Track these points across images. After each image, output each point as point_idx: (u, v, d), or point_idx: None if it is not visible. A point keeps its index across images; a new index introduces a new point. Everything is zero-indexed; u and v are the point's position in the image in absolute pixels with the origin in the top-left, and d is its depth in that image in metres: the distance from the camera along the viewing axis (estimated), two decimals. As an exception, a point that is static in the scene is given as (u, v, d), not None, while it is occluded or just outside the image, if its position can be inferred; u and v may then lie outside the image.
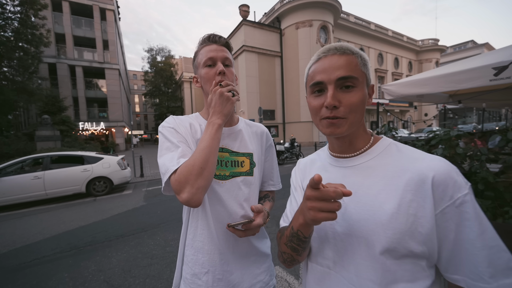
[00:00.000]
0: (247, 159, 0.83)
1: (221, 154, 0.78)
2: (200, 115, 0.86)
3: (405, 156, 0.53)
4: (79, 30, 20.54)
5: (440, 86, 3.09)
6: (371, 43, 25.46)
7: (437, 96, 4.52)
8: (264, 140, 0.93)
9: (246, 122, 0.92)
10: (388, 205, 0.49)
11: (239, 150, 0.82)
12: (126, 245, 3.07)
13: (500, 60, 2.59)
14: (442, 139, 2.66)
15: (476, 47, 40.08)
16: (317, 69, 0.53)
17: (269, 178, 0.94)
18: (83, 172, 5.87)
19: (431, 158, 0.50)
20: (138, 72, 54.74)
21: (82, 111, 20.47)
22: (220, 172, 0.77)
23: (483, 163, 2.58)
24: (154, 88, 32.26)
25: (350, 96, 0.51)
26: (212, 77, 0.76)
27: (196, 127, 0.80)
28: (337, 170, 0.59)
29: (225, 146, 0.80)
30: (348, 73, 0.50)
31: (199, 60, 0.79)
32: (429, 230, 0.46)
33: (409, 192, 0.48)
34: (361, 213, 0.51)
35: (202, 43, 0.80)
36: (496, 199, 2.44)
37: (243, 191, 0.80)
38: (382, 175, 0.52)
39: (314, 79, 0.53)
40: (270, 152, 0.95)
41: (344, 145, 0.58)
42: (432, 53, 30.96)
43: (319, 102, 0.53)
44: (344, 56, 0.52)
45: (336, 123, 0.52)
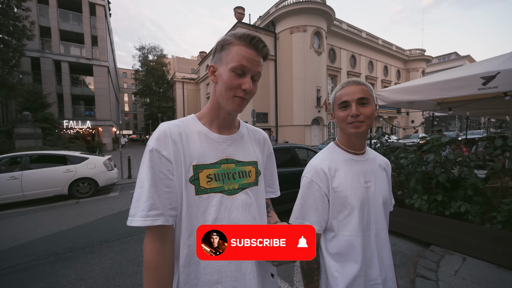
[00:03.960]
0: (253, 168, 0.76)
1: (227, 166, 0.71)
2: (197, 118, 0.74)
3: (374, 152, 0.95)
4: (66, 24, 19.80)
5: (431, 94, 3.15)
6: (362, 51, 26.12)
7: (426, 103, 4.64)
8: (266, 147, 0.87)
9: (246, 126, 0.85)
10: (386, 179, 0.91)
11: (245, 159, 0.75)
12: (111, 251, 2.90)
13: (488, 70, 2.67)
14: (434, 145, 2.70)
15: (458, 58, 42.17)
16: (342, 93, 0.82)
17: (268, 185, 0.88)
18: (65, 172, 5.57)
19: (381, 155, 0.97)
20: (128, 71, 53.41)
21: (67, 109, 19.65)
22: (229, 186, 0.70)
23: (472, 169, 2.64)
24: (145, 87, 31.59)
25: (366, 108, 0.80)
26: (234, 87, 0.66)
27: (190, 136, 0.69)
28: (359, 163, 0.86)
29: (230, 156, 0.72)
30: (364, 95, 0.79)
31: (228, 56, 0.66)
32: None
33: (384, 172, 0.92)
34: (381, 188, 0.87)
35: (240, 38, 0.66)
36: (484, 204, 2.50)
37: (253, 203, 0.74)
38: (376, 164, 0.90)
39: (341, 99, 0.82)
40: (271, 160, 0.89)
41: (361, 143, 0.87)
42: (418, 62, 32.18)
43: (345, 113, 0.81)
44: (359, 86, 0.81)
45: (359, 125, 0.80)
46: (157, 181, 0.62)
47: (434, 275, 2.07)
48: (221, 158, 0.70)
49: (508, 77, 2.48)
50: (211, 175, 0.68)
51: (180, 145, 0.66)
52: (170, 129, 0.67)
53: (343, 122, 0.82)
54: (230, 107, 0.68)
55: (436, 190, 2.77)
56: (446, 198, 2.64)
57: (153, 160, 0.63)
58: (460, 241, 2.42)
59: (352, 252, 0.79)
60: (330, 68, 22.67)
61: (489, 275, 2.02)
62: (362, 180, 0.84)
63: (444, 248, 2.52)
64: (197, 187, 0.66)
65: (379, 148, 3.60)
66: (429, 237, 2.66)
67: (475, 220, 2.35)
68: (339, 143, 0.91)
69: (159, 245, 0.62)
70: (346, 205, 0.80)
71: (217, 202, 0.67)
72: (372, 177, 0.86)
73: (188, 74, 35.00)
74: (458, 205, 2.44)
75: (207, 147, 0.70)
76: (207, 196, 0.67)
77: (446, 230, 2.52)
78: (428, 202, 2.74)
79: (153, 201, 0.61)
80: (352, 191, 0.81)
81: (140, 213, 0.59)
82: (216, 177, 0.68)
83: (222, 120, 0.74)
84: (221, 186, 0.69)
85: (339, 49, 23.76)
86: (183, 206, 0.65)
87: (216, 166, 0.69)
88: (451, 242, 2.49)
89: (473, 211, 2.38)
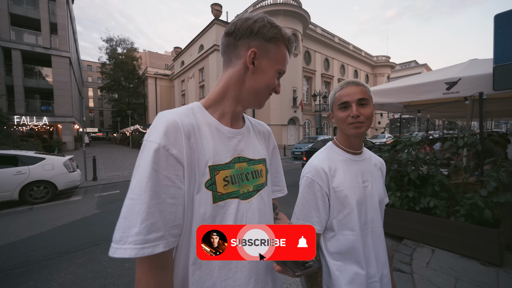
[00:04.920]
0: (263, 167, 0.67)
1: (240, 165, 0.60)
2: (203, 107, 0.61)
3: (369, 152, 0.95)
4: (18, 8, 17.53)
5: (403, 96, 3.36)
6: (335, 55, 27.39)
7: (395, 105, 4.97)
8: (271, 141, 0.79)
9: (249, 119, 0.75)
10: (382, 178, 0.92)
11: (255, 157, 0.66)
12: (72, 264, 2.57)
13: (451, 76, 2.92)
14: (406, 144, 2.87)
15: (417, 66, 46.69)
16: (342, 94, 0.81)
17: (274, 183, 0.80)
18: (16, 175, 4.86)
19: (376, 155, 0.98)
20: (94, 63, 49.10)
21: (19, 103, 17.39)
22: (243, 189, 0.60)
23: (438, 167, 2.85)
24: (113, 82, 29.39)
25: (366, 109, 0.79)
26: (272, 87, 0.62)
27: (202, 130, 0.56)
28: (357, 163, 0.87)
29: (241, 154, 0.62)
30: (364, 96, 0.79)
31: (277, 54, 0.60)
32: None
33: (380, 171, 0.93)
34: (377, 187, 0.88)
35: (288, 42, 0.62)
36: (449, 199, 2.72)
37: (266, 206, 0.65)
38: (372, 163, 0.91)
39: (341, 100, 0.81)
40: (275, 155, 0.81)
41: (359, 143, 0.87)
42: (384, 68, 34.80)
43: (346, 114, 0.80)
44: (359, 86, 0.80)
45: (359, 126, 0.79)
46: (160, 190, 0.47)
47: (409, 268, 2.18)
48: (234, 157, 0.60)
49: (468, 83, 2.73)
50: (227, 177, 0.57)
51: (194, 140, 0.53)
52: (181, 119, 0.53)
53: (343, 123, 0.82)
54: (260, 104, 0.64)
55: (407, 187, 2.95)
56: (416, 194, 2.83)
57: (158, 161, 0.47)
58: (429, 234, 2.60)
59: (352, 251, 0.79)
60: (306, 70, 23.38)
61: (455, 264, 2.20)
62: (360, 180, 0.84)
63: (415, 242, 2.69)
64: (214, 193, 0.54)
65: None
66: (402, 231, 2.83)
67: (442, 214, 2.54)
68: (338, 143, 0.91)
69: (160, 275, 0.48)
70: (346, 205, 0.80)
71: (234, 210, 0.56)
72: (369, 176, 0.87)
73: (161, 70, 33.40)
74: (427, 200, 2.62)
75: (220, 143, 0.58)
76: (224, 203, 0.55)
77: (417, 224, 2.70)
78: (400, 198, 2.91)
79: (154, 220, 0.46)
80: (351, 191, 0.81)
81: (134, 238, 0.43)
82: (233, 179, 0.58)
83: (235, 113, 0.63)
84: (237, 190, 0.58)
85: (314, 52, 24.62)
86: (194, 218, 0.52)
87: (231, 166, 0.58)
88: (422, 235, 2.66)
89: (440, 206, 2.57)
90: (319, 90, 21.60)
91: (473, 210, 2.39)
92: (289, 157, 13.98)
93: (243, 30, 0.57)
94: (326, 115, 24.87)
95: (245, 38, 0.57)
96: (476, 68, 2.98)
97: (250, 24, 0.57)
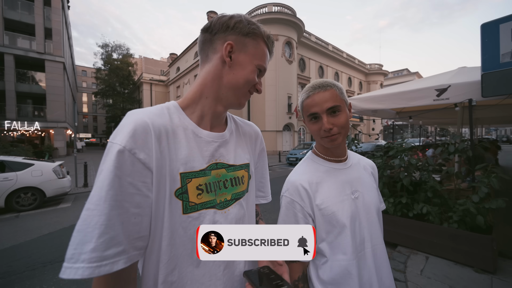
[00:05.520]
0: (246, 172, 0.63)
1: (217, 172, 0.56)
2: (180, 107, 0.56)
3: (356, 155, 0.87)
4: (13, 13, 17.43)
5: (394, 103, 3.41)
6: (329, 62, 27.90)
7: (387, 112, 5.04)
8: (258, 143, 0.74)
9: (235, 120, 0.70)
10: (374, 185, 0.83)
11: (236, 162, 0.61)
12: (56, 274, 2.45)
13: (441, 83, 2.97)
14: (398, 150, 2.89)
15: (409, 74, 47.89)
16: (310, 103, 0.71)
17: (257, 189, 0.74)
18: (2, 181, 4.71)
19: (366, 158, 0.90)
20: (88, 69, 48.81)
21: (10, 108, 17.04)
22: (220, 197, 0.55)
23: (430, 173, 2.87)
24: (108, 87, 29.15)
25: (339, 118, 0.70)
26: (252, 84, 0.58)
27: (175, 132, 0.52)
28: (342, 172, 0.77)
29: (219, 159, 0.58)
30: (334, 104, 0.69)
31: (256, 49, 0.57)
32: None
33: (372, 176, 0.84)
34: (371, 196, 0.78)
35: (267, 39, 0.59)
36: (442, 205, 2.72)
37: (246, 215, 0.61)
38: (361, 168, 0.82)
39: (310, 111, 0.72)
40: (262, 158, 0.76)
41: (341, 151, 0.79)
42: (377, 76, 35.57)
43: (318, 127, 0.72)
44: (327, 91, 0.69)
45: (334, 138, 0.71)
46: (124, 199, 0.42)
47: (403, 276, 2.15)
48: (211, 163, 0.55)
49: (457, 90, 2.79)
50: (201, 185, 0.52)
51: (166, 143, 0.48)
52: (152, 120, 0.48)
53: (317, 136, 0.74)
54: (240, 101, 0.59)
55: (400, 193, 2.95)
56: (409, 200, 2.82)
57: (122, 166, 0.42)
58: (423, 241, 2.58)
59: (348, 279, 0.68)
60: (300, 77, 23.70)
61: (449, 272, 2.17)
62: (348, 191, 0.74)
63: (409, 249, 2.66)
64: (185, 203, 0.49)
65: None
66: (395, 238, 2.80)
67: (435, 221, 2.53)
68: (317, 151, 0.81)
69: None
70: (335, 224, 0.70)
71: (209, 221, 0.52)
72: (359, 185, 0.76)
73: (157, 76, 33.41)
74: (420, 206, 2.61)
75: (196, 148, 0.54)
76: (198, 214, 0.51)
77: (411, 231, 2.68)
78: (394, 204, 2.90)
79: (114, 233, 0.40)
80: (339, 206, 0.71)
81: (89, 255, 0.37)
82: (208, 187, 0.53)
83: (216, 114, 0.59)
84: (213, 200, 0.54)
85: (308, 60, 25.04)
86: (163, 231, 0.47)
87: (207, 173, 0.54)
88: (415, 242, 2.64)
89: (433, 212, 2.57)
90: (314, 97, 21.79)
91: (466, 216, 2.39)
92: (284, 163, 13.97)
93: (219, 25, 0.56)
94: (321, 121, 25.08)
95: (221, 33, 0.55)
96: (465, 76, 3.05)
97: (226, 20, 0.56)
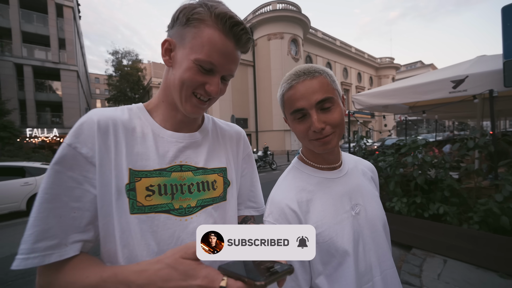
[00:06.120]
0: (220, 177, 0.58)
1: (181, 174, 0.52)
2: (145, 108, 0.55)
3: (352, 158, 0.72)
4: (29, 26, 18.33)
5: (406, 97, 3.24)
6: (336, 58, 27.33)
7: (399, 107, 4.83)
8: (241, 147, 0.67)
9: (215, 122, 0.66)
10: (376, 192, 0.68)
11: (208, 165, 0.57)
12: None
13: (457, 74, 2.79)
14: (411, 147, 2.74)
15: (423, 66, 45.98)
16: (293, 96, 0.54)
17: (247, 199, 0.67)
18: (23, 186, 4.96)
19: (363, 159, 0.75)
20: (101, 76, 50.57)
21: (31, 116, 17.99)
22: (180, 202, 0.50)
23: (447, 170, 2.69)
24: (119, 93, 30.09)
25: (332, 114, 0.54)
26: (195, 85, 0.48)
27: (130, 130, 0.50)
28: (338, 182, 0.62)
29: (185, 161, 0.54)
30: (325, 95, 0.52)
31: (195, 39, 0.46)
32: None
33: (372, 181, 0.69)
34: (375, 207, 0.62)
35: (218, 18, 0.45)
36: (461, 205, 2.55)
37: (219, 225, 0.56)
38: (359, 173, 0.67)
39: (294, 107, 0.54)
40: (249, 164, 0.69)
41: (334, 157, 0.63)
42: (389, 70, 34.47)
43: (305, 127, 0.55)
44: (315, 79, 0.53)
45: (327, 140, 0.55)
46: (62, 192, 0.42)
47: (418, 281, 2.03)
48: (173, 164, 0.52)
49: (476, 80, 2.60)
50: (153, 186, 0.48)
51: (112, 137, 0.47)
52: (99, 115, 0.48)
53: (304, 138, 0.58)
54: (184, 107, 0.51)
55: (414, 192, 2.80)
56: (424, 200, 2.67)
57: (63, 161, 0.43)
58: (440, 243, 2.43)
59: None
60: (309, 74, 23.36)
61: (471, 277, 2.02)
62: (347, 206, 0.58)
63: (425, 251, 2.52)
64: (132, 202, 0.46)
65: (357, 152, 3.61)
66: (410, 240, 2.66)
67: (453, 221, 2.37)
68: (305, 158, 0.65)
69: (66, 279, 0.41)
70: (334, 252, 0.54)
71: (159, 227, 0.47)
72: (360, 196, 0.61)
73: (166, 80, 34.03)
74: (436, 206, 2.46)
75: (153, 147, 0.51)
76: (146, 217, 0.47)
77: (426, 232, 2.53)
78: (407, 204, 2.75)
79: (46, 226, 0.40)
80: (338, 228, 0.55)
81: (20, 247, 0.39)
82: (161, 189, 0.49)
83: (177, 120, 0.55)
84: (167, 204, 0.49)
85: (315, 56, 24.63)
86: (115, 230, 0.45)
87: (164, 174, 0.50)
88: (431, 244, 2.49)
89: (451, 212, 2.41)
90: (323, 94, 21.38)
91: (488, 216, 2.21)
92: (294, 162, 13.82)
93: (170, 23, 0.50)
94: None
95: (169, 31, 0.50)
96: (485, 65, 2.84)
97: (175, 13, 0.48)
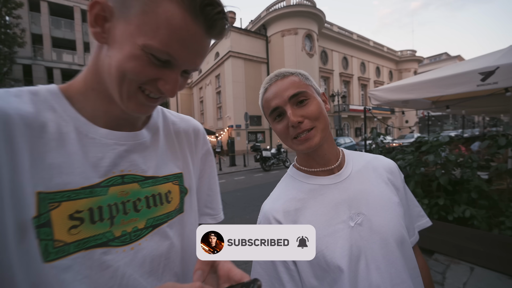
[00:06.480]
0: (175, 186, 0.46)
1: (121, 188, 0.38)
2: (62, 94, 0.38)
3: (364, 157, 0.63)
4: (58, 31, 19.77)
5: (427, 92, 3.02)
6: (354, 53, 26.36)
7: (421, 102, 4.53)
8: (200, 143, 0.55)
9: (166, 116, 0.52)
10: (394, 197, 0.56)
11: (159, 173, 0.43)
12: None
13: (486, 65, 2.54)
14: (433, 145, 2.55)
15: (449, 58, 43.06)
16: (268, 97, 0.55)
17: (204, 204, 0.55)
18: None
19: (381, 157, 0.65)
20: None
21: (59, 117, 19.45)
22: (123, 228, 0.37)
23: (475, 170, 2.47)
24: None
25: (308, 107, 0.52)
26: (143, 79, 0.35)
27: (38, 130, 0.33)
28: (336, 187, 0.55)
29: (128, 170, 0.40)
30: (296, 90, 0.52)
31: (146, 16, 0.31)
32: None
33: (389, 184, 0.58)
34: (387, 218, 0.52)
35: None
36: (490, 208, 2.33)
37: (179, 247, 0.43)
38: (369, 175, 0.58)
39: (270, 107, 0.55)
40: (208, 163, 0.57)
41: (327, 156, 0.58)
42: (410, 63, 32.65)
43: (284, 125, 0.54)
44: (285, 78, 0.54)
45: (309, 136, 0.52)
46: None
47: (441, 289, 1.88)
48: (110, 176, 0.37)
49: (508, 72, 2.35)
50: (80, 212, 0.34)
51: (3, 144, 0.29)
52: None
53: (287, 138, 0.55)
54: (127, 106, 0.37)
55: (437, 193, 2.60)
56: (448, 202, 2.47)
57: None
58: (466, 249, 2.24)
59: None
60: (322, 70, 22.77)
61: (501, 287, 1.84)
62: (344, 216, 0.51)
63: (449, 257, 2.33)
64: (45, 244, 0.30)
65: (374, 150, 3.44)
66: (431, 244, 2.48)
67: (482, 226, 2.17)
68: (298, 164, 0.62)
69: None
70: (326, 268, 0.48)
71: (93, 270, 0.33)
72: (364, 204, 0.52)
73: (182, 79, 34.94)
74: (462, 209, 2.27)
75: (78, 153, 0.35)
76: (71, 260, 0.32)
77: (450, 237, 2.35)
78: (429, 206, 2.56)
79: None
80: (329, 240, 0.49)
81: None
82: (94, 215, 0.35)
83: (118, 112, 0.40)
84: (104, 233, 0.35)
85: (331, 51, 23.94)
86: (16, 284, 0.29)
87: (97, 193, 0.35)
88: (456, 250, 2.31)
89: (479, 216, 2.21)
90: (338, 90, 20.83)
91: (522, 221, 2.00)
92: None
93: None
94: (346, 115, 23.89)
95: None
96: (518, 54, 2.57)
97: None
